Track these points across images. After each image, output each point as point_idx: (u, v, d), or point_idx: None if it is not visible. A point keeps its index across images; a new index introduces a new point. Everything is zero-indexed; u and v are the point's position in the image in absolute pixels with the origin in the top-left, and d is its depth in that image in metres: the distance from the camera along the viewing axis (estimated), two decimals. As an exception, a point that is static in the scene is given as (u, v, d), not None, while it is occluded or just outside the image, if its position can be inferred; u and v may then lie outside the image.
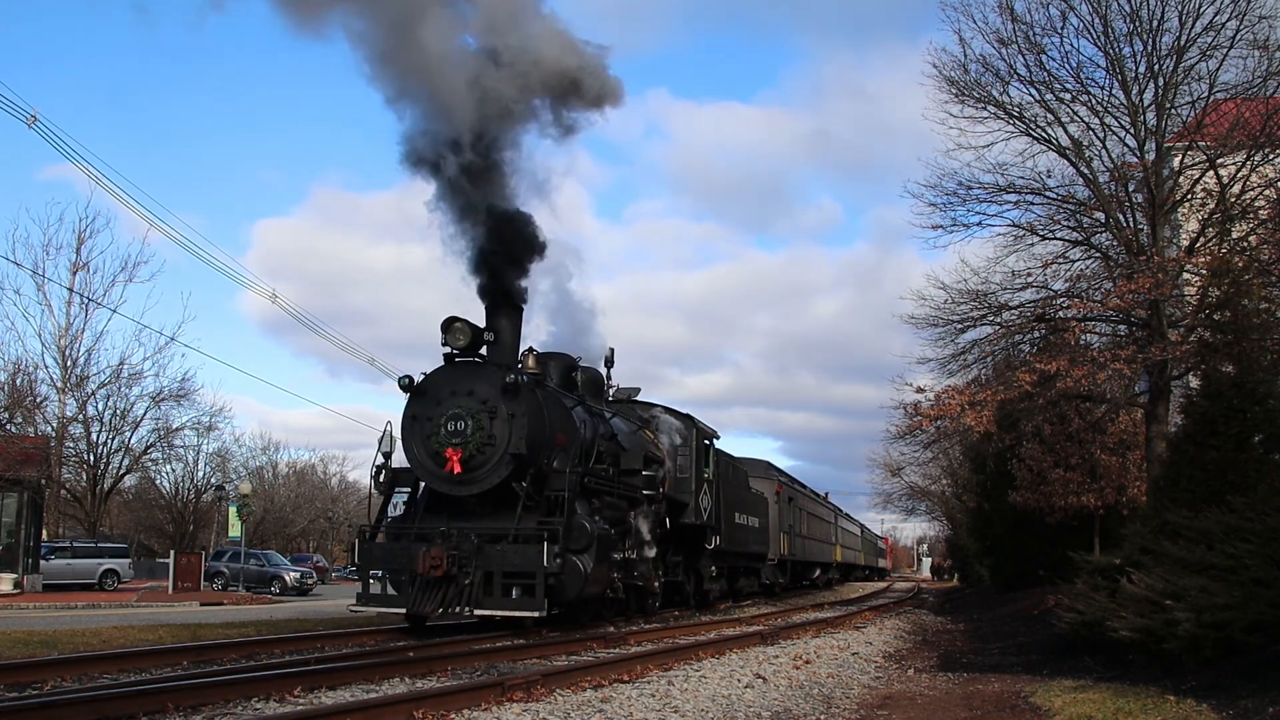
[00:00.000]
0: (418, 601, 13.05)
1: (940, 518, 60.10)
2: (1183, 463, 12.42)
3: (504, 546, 13.04)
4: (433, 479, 13.95)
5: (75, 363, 39.83)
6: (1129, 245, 16.45)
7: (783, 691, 9.55)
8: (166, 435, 43.02)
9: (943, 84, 17.33)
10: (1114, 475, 19.93)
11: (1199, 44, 15.80)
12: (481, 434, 13.47)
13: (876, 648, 14.59)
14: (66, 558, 32.71)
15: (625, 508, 15.71)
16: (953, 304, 17.76)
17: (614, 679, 9.52)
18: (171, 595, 29.08)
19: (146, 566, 44.63)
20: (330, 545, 72.81)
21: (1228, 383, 12.36)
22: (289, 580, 36.74)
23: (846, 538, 51.16)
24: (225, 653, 11.26)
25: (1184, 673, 8.96)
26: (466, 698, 7.90)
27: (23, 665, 9.50)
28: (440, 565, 12.83)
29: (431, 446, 13.76)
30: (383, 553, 13.92)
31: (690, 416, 20.11)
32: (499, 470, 13.54)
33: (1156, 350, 15.28)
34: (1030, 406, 16.96)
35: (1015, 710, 8.55)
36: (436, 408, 13.82)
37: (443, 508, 13.96)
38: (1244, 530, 9.29)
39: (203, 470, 51.01)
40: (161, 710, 7.36)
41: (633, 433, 17.56)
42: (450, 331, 13.95)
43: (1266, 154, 15.43)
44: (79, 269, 40.16)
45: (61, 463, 38.61)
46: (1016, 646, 14.54)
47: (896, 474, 50.93)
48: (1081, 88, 17.03)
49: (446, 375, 14.10)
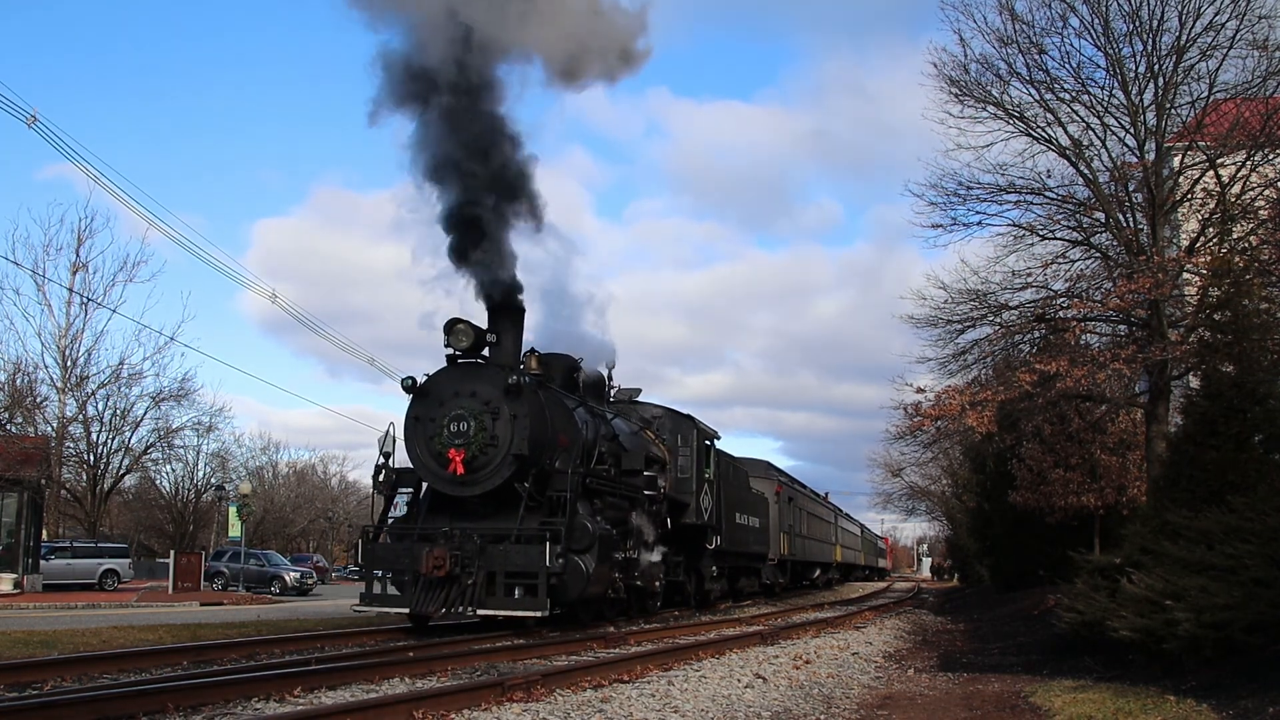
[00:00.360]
0: (421, 601, 13.13)
1: (940, 518, 60.12)
2: (1183, 463, 12.42)
3: (507, 547, 13.10)
4: (436, 480, 14.01)
5: (75, 363, 39.85)
6: (1129, 245, 16.45)
7: (783, 691, 9.55)
8: (166, 435, 43.06)
9: (943, 84, 17.33)
10: (1114, 475, 19.93)
11: (1199, 44, 15.81)
12: (484, 435, 13.53)
13: (876, 648, 14.60)
14: (66, 558, 32.70)
15: (627, 508, 15.78)
16: (953, 304, 17.78)
17: (614, 679, 9.52)
18: (171, 595, 29.08)
19: (146, 566, 44.64)
20: (330, 545, 72.81)
21: (1228, 383, 12.36)
22: (289, 580, 36.75)
23: (846, 538, 51.16)
24: (225, 653, 11.26)
25: (1184, 673, 8.97)
26: (466, 698, 7.90)
27: (23, 665, 9.51)
28: (444, 565, 12.88)
29: (434, 447, 13.81)
30: (386, 553, 13.97)
31: (691, 417, 20.20)
32: (501, 471, 13.60)
33: (1156, 350, 15.28)
34: (1030, 406, 16.96)
35: (1015, 710, 8.56)
36: (439, 409, 13.88)
37: (445, 508, 14.03)
38: (1244, 530, 9.29)
39: (203, 470, 51.05)
40: (161, 710, 7.36)
41: (634, 433, 17.64)
42: (453, 333, 14.01)
43: (1266, 154, 15.43)
44: (79, 269, 40.18)
45: (61, 463, 38.59)
46: (1016, 646, 14.54)
47: (897, 474, 51.01)
48: (1081, 88, 17.05)
49: (449, 376, 14.15)
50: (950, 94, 17.24)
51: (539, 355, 15.04)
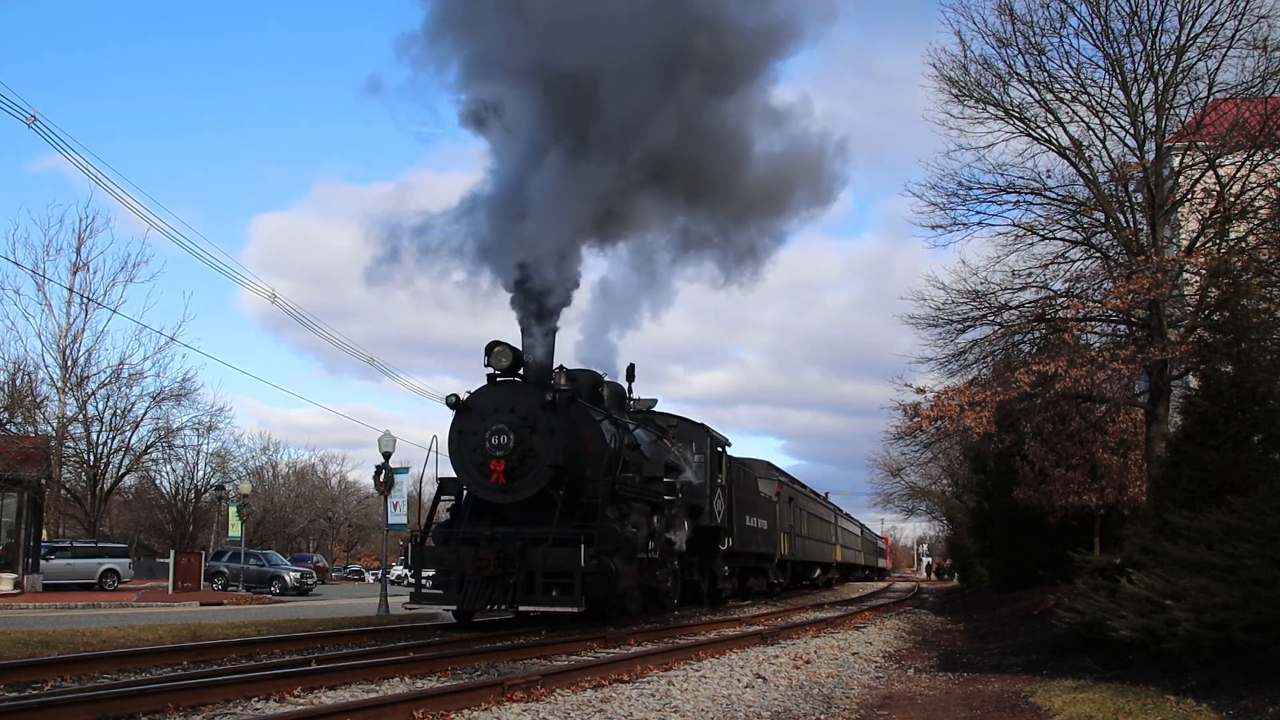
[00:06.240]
0: (469, 599, 14.14)
1: (940, 518, 60.10)
2: (1183, 463, 12.42)
3: (544, 549, 13.98)
4: (479, 488, 14.99)
5: (75, 363, 39.92)
6: (1129, 245, 16.45)
7: (783, 691, 9.55)
8: (166, 435, 43.10)
9: (943, 84, 17.36)
10: (1115, 475, 19.92)
11: (1198, 44, 15.83)
12: (523, 447, 14.53)
13: (876, 648, 14.59)
14: (66, 558, 32.73)
15: (649, 512, 16.55)
16: (952, 304, 17.79)
17: (614, 679, 9.53)
18: (171, 595, 29.09)
19: (146, 566, 44.66)
20: (330, 545, 72.80)
21: (1227, 383, 12.37)
22: (289, 580, 36.78)
23: (846, 538, 51.11)
24: (225, 653, 11.28)
25: (1184, 673, 8.96)
26: (466, 698, 7.91)
27: (23, 665, 9.52)
28: (488, 566, 13.85)
29: (477, 459, 14.80)
30: (434, 555, 14.99)
31: (705, 426, 21.13)
32: (539, 480, 14.54)
33: (1156, 350, 15.28)
34: (1030, 406, 16.96)
35: (1015, 710, 8.56)
36: (481, 423, 14.85)
37: (485, 513, 14.99)
38: (1244, 530, 9.29)
39: (203, 470, 51.01)
40: (161, 710, 7.37)
41: (653, 442, 18.41)
42: (493, 354, 15.05)
43: (1266, 154, 15.43)
44: (79, 269, 40.26)
45: (61, 463, 38.60)
46: (1016, 646, 14.54)
47: (897, 474, 51.03)
48: (1081, 88, 17.06)
49: (490, 394, 15.14)
50: (950, 95, 17.29)
51: (567, 372, 15.86)
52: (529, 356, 15.09)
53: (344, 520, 71.22)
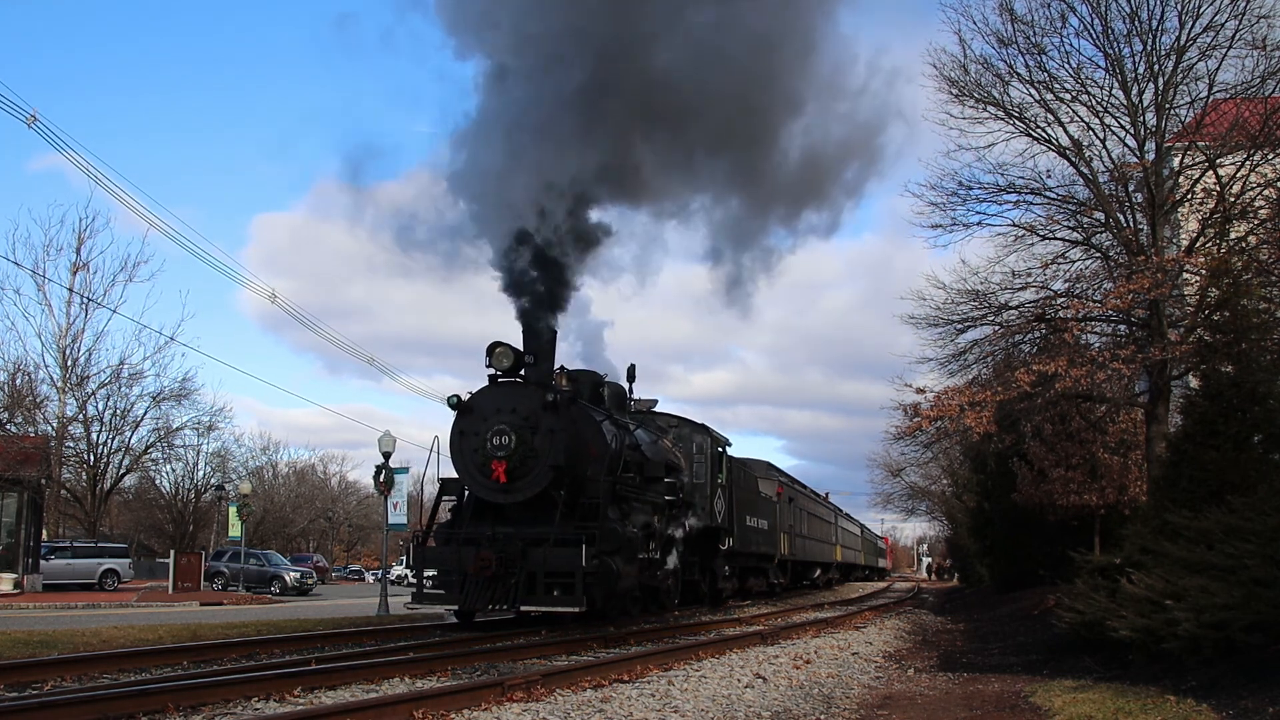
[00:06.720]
0: (470, 599, 14.14)
1: (940, 518, 60.09)
2: (1183, 463, 12.42)
3: (546, 549, 13.96)
4: (480, 488, 14.96)
5: (75, 363, 39.88)
6: (1129, 245, 16.44)
7: (783, 691, 9.55)
8: (166, 435, 43.07)
9: (943, 84, 17.35)
10: (1115, 474, 19.91)
11: (1198, 44, 15.81)
12: (524, 448, 14.51)
13: (876, 648, 14.59)
14: (66, 558, 32.71)
15: (650, 512, 16.59)
16: (953, 304, 17.78)
17: (614, 679, 9.53)
18: (171, 595, 29.09)
19: (146, 566, 44.65)
20: (330, 545, 72.79)
21: (1227, 383, 12.37)
22: (289, 580, 36.76)
23: (846, 538, 51.10)
24: (225, 653, 11.28)
25: (1184, 673, 8.96)
26: (466, 698, 7.91)
27: (23, 665, 9.52)
28: (490, 566, 13.86)
29: (478, 459, 14.78)
30: (436, 555, 14.99)
31: (706, 426, 21.09)
32: (540, 480, 14.53)
33: (1156, 350, 15.27)
34: (1030, 406, 16.96)
35: (1015, 710, 8.56)
36: (483, 424, 14.82)
37: (486, 514, 14.97)
38: (1244, 530, 9.29)
39: (203, 470, 51.02)
40: (161, 710, 7.37)
41: (654, 443, 18.39)
42: (494, 355, 15.05)
43: (1266, 154, 15.42)
44: (79, 269, 40.21)
45: (61, 463, 38.58)
46: (1016, 646, 14.54)
47: (897, 474, 51.02)
48: (1081, 88, 17.04)
49: (491, 395, 15.12)
50: (950, 95, 17.28)
51: (568, 373, 15.89)
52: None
53: (344, 520, 71.21)
